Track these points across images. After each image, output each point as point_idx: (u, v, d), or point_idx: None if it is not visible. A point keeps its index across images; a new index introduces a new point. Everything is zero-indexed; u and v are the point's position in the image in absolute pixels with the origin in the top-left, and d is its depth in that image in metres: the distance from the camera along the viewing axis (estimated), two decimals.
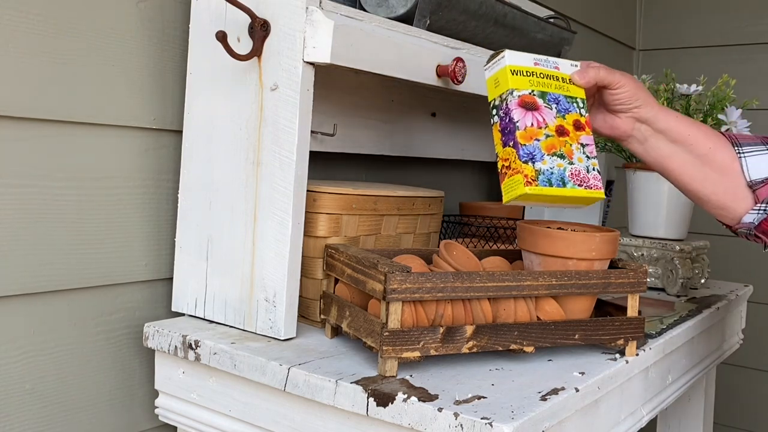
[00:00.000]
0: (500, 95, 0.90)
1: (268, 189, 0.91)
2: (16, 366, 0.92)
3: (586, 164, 0.90)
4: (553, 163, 0.87)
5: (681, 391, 1.23)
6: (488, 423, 0.69)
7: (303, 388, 0.81)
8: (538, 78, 0.91)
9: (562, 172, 0.87)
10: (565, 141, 0.89)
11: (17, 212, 0.90)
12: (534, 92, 0.90)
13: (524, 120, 0.88)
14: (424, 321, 0.84)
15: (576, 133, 0.91)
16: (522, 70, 0.90)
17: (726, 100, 1.46)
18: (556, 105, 0.91)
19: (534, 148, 0.87)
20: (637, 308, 0.94)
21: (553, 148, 0.88)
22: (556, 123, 0.90)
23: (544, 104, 0.90)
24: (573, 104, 0.92)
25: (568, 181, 0.88)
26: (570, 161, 0.89)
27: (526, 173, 0.85)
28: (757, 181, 0.95)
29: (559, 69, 0.93)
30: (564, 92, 0.92)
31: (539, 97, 0.90)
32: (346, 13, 0.91)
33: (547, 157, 0.87)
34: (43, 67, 0.91)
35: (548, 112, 0.90)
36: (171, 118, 1.05)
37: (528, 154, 0.86)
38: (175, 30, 1.05)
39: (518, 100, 0.88)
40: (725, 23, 2.40)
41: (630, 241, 1.51)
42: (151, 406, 1.05)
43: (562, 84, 0.93)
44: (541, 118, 0.89)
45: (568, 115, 0.91)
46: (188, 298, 1.01)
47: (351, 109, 1.21)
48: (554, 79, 0.92)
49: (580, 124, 0.92)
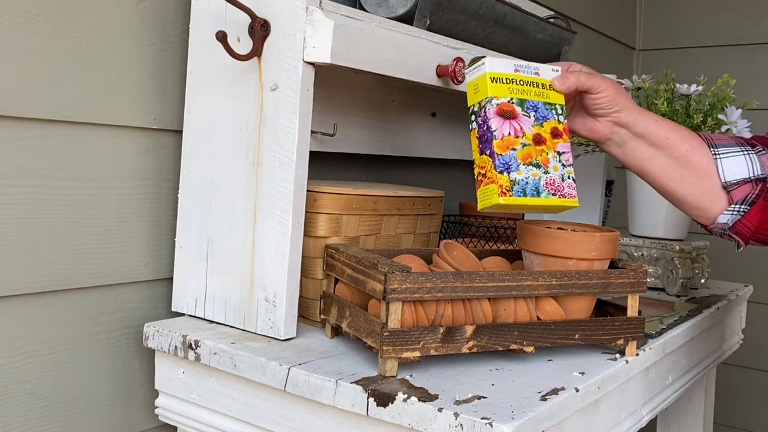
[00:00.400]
0: (479, 102, 0.90)
1: (268, 189, 0.91)
2: (16, 366, 0.92)
3: (561, 173, 0.90)
4: (528, 172, 0.88)
5: (681, 391, 1.23)
6: (488, 423, 0.69)
7: (303, 388, 0.81)
8: (518, 85, 0.91)
9: (537, 181, 0.88)
10: (542, 150, 0.90)
11: (17, 212, 0.90)
12: (513, 100, 0.90)
13: (501, 129, 0.88)
14: (424, 321, 0.84)
15: (553, 141, 0.91)
16: (502, 77, 0.90)
17: (726, 100, 1.46)
18: (535, 113, 0.91)
19: (510, 157, 0.87)
20: (637, 308, 0.94)
21: (529, 158, 0.88)
22: (534, 131, 0.90)
23: (522, 112, 0.90)
24: (552, 111, 0.92)
25: (543, 190, 0.88)
26: (545, 170, 0.89)
27: (501, 183, 0.86)
28: (731, 182, 0.96)
29: (539, 75, 0.93)
30: (543, 99, 0.92)
31: (518, 105, 0.90)
32: (346, 13, 0.91)
33: (522, 167, 0.88)
34: (43, 67, 0.91)
35: (526, 121, 0.90)
36: (171, 118, 1.05)
37: (504, 164, 0.87)
38: (175, 30, 1.05)
39: (496, 109, 0.88)
40: (725, 23, 2.40)
41: (630, 241, 1.51)
42: (151, 406, 1.05)
43: (541, 90, 0.93)
44: (519, 127, 0.89)
45: (546, 122, 0.91)
46: (188, 298, 1.01)
47: (351, 109, 1.21)
48: (534, 85, 0.92)
49: (558, 131, 0.92)
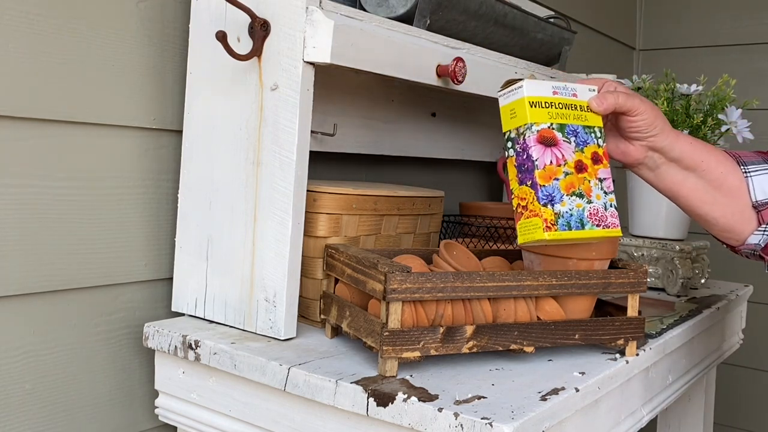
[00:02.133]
0: (517, 128, 0.84)
1: (268, 189, 0.91)
2: (16, 366, 0.92)
3: (603, 201, 0.86)
4: (572, 203, 0.83)
5: (681, 391, 1.23)
6: (488, 423, 0.69)
7: (303, 388, 0.81)
8: (557, 109, 0.85)
9: (581, 212, 0.83)
10: (584, 177, 0.85)
11: (17, 212, 0.90)
12: (553, 125, 0.84)
13: (543, 158, 0.82)
14: (424, 321, 0.84)
15: (594, 167, 0.86)
16: (541, 101, 0.84)
17: (726, 100, 1.46)
18: (575, 138, 0.85)
19: (553, 188, 0.82)
20: (637, 308, 0.94)
21: (572, 187, 0.83)
22: (575, 158, 0.85)
23: (563, 138, 0.84)
24: (591, 135, 0.87)
25: (587, 222, 0.84)
26: (588, 200, 0.84)
27: (546, 217, 0.81)
28: (762, 201, 0.94)
29: (576, 96, 0.88)
30: (582, 122, 0.87)
31: (558, 131, 0.84)
32: (346, 13, 0.91)
33: (566, 198, 0.83)
34: (43, 67, 0.91)
35: (567, 147, 0.84)
36: (171, 118, 1.05)
37: (547, 195, 0.82)
38: (175, 30, 1.05)
39: (537, 136, 0.83)
40: (725, 23, 2.40)
41: (630, 241, 1.51)
42: (151, 406, 1.05)
43: (580, 113, 0.87)
44: (561, 154, 0.84)
45: (587, 147, 0.86)
46: (188, 298, 1.01)
47: (351, 109, 1.21)
48: (572, 108, 0.86)
49: (598, 156, 0.87)
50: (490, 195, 1.78)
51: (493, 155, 1.61)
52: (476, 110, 1.53)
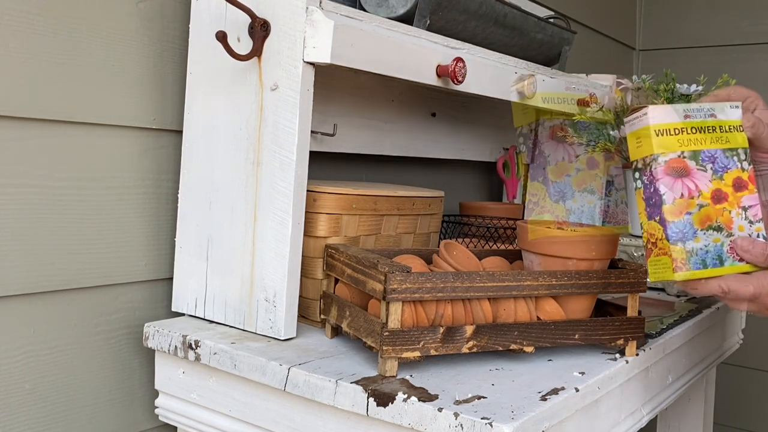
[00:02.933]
0: (643, 158, 0.78)
1: (268, 189, 0.91)
2: (16, 366, 0.92)
3: (748, 232, 0.77)
4: (707, 239, 0.76)
5: (681, 391, 1.23)
6: (488, 423, 0.69)
7: (303, 388, 0.81)
8: (690, 135, 0.77)
9: (719, 248, 0.76)
10: (723, 209, 0.77)
11: (17, 212, 0.90)
12: (684, 154, 0.77)
13: (672, 191, 0.76)
14: (424, 321, 0.84)
15: (736, 195, 0.78)
16: (669, 128, 0.77)
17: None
18: (712, 165, 0.77)
19: (685, 224, 0.75)
20: (637, 308, 0.94)
21: (708, 221, 0.76)
22: (712, 188, 0.77)
23: (696, 167, 0.77)
24: (733, 158, 0.78)
25: (727, 258, 0.76)
26: (729, 233, 0.76)
27: (675, 256, 0.75)
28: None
29: (716, 116, 0.79)
30: (722, 145, 0.78)
31: (690, 159, 0.76)
32: (346, 13, 0.91)
33: (700, 233, 0.76)
34: (43, 67, 0.91)
35: (702, 176, 0.77)
36: (171, 118, 1.05)
37: (678, 232, 0.75)
38: (175, 30, 1.05)
39: (665, 167, 0.76)
40: (725, 23, 2.39)
41: (630, 241, 1.51)
42: (151, 406, 1.05)
43: (719, 135, 0.78)
44: (694, 186, 0.76)
45: (727, 174, 0.78)
46: (188, 298, 1.01)
47: (351, 109, 1.21)
48: (709, 131, 0.78)
49: (742, 182, 0.78)
50: (490, 195, 1.78)
51: (493, 155, 1.61)
52: (476, 110, 1.53)
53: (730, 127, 0.80)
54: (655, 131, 0.77)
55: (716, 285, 0.77)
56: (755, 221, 0.78)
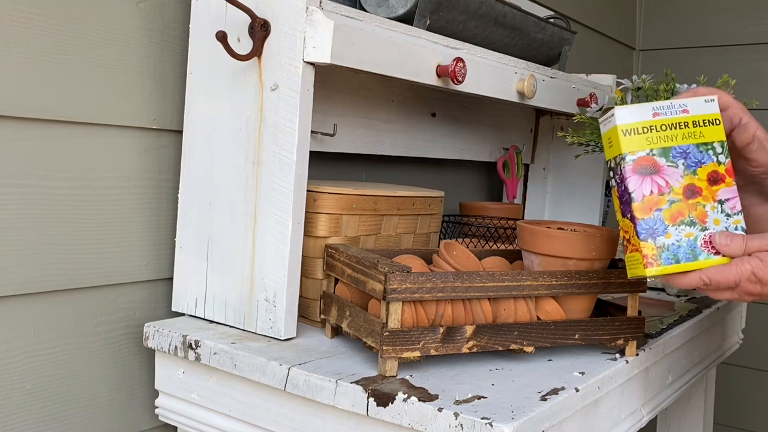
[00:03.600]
0: (614, 158, 0.79)
1: (268, 189, 0.91)
2: (16, 366, 0.92)
3: (725, 225, 0.77)
4: (679, 234, 0.76)
5: (681, 391, 1.23)
6: (488, 423, 0.69)
7: (303, 388, 0.81)
8: (660, 132, 0.78)
9: (693, 242, 0.76)
10: (696, 203, 0.77)
11: (17, 212, 0.90)
12: (653, 152, 0.77)
13: (641, 189, 0.77)
14: (424, 321, 0.84)
15: (712, 188, 0.77)
16: (636, 127, 0.78)
17: None
18: (684, 160, 0.78)
19: (655, 221, 0.76)
20: (637, 308, 0.94)
21: (679, 216, 0.76)
22: (684, 183, 0.77)
23: (667, 163, 0.77)
24: (707, 152, 0.78)
25: (701, 252, 0.76)
26: (703, 227, 0.76)
27: (645, 252, 0.76)
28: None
29: (688, 112, 0.79)
30: (695, 140, 0.78)
31: (660, 156, 0.77)
32: (346, 13, 0.91)
33: (671, 229, 0.76)
34: (43, 67, 0.91)
35: (673, 172, 0.77)
36: (171, 118, 1.05)
37: (647, 229, 0.76)
38: (175, 30, 1.05)
39: (633, 166, 0.77)
40: (725, 23, 2.40)
41: None
42: (151, 406, 1.05)
43: (692, 130, 0.78)
44: (664, 182, 0.77)
45: (701, 168, 0.78)
46: (188, 298, 1.01)
47: (351, 109, 1.21)
48: (681, 126, 0.78)
49: (718, 175, 0.78)
50: (490, 195, 1.78)
51: (493, 155, 1.61)
52: (476, 110, 1.53)
53: (704, 121, 0.79)
54: (623, 131, 0.78)
55: (696, 277, 0.77)
56: (733, 214, 0.78)
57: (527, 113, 1.69)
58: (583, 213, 1.64)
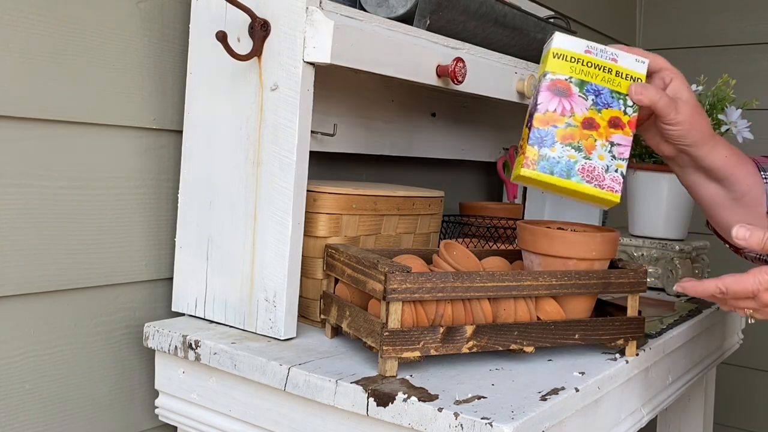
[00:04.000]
0: (541, 74, 0.86)
1: (268, 189, 0.91)
2: (16, 366, 0.92)
3: (607, 163, 0.83)
4: (563, 152, 0.82)
5: (681, 391, 1.23)
6: (488, 423, 0.69)
7: (303, 388, 0.81)
8: (584, 66, 0.85)
9: (571, 163, 0.82)
10: (590, 135, 0.83)
11: (17, 212, 0.90)
12: (572, 79, 0.84)
13: (547, 104, 0.83)
14: (424, 321, 0.84)
15: (609, 130, 0.84)
16: (567, 54, 0.85)
17: (726, 100, 1.46)
18: (595, 97, 0.84)
19: (547, 133, 0.82)
20: (637, 308, 0.94)
21: (569, 138, 0.83)
22: (586, 114, 0.84)
23: (578, 93, 0.84)
24: (619, 101, 0.85)
25: (575, 174, 0.82)
26: (587, 156, 0.83)
27: (528, 155, 0.82)
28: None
29: (616, 61, 0.86)
30: (612, 86, 0.85)
31: (576, 86, 0.84)
32: (346, 13, 0.91)
33: (558, 145, 0.82)
34: (43, 67, 0.91)
35: (581, 102, 0.84)
36: (171, 118, 1.05)
37: (538, 138, 0.82)
38: (175, 30, 1.05)
39: (549, 84, 0.84)
40: (725, 23, 2.40)
41: (630, 241, 1.51)
42: (151, 406, 1.05)
43: (613, 78, 0.85)
44: (569, 106, 0.84)
45: (606, 110, 0.84)
46: (188, 298, 1.01)
47: (351, 109, 1.21)
48: (604, 70, 0.85)
49: (619, 122, 0.85)
50: (490, 195, 1.78)
51: (493, 155, 1.61)
52: (476, 110, 1.53)
53: (627, 75, 0.86)
54: (554, 54, 0.85)
55: (713, 285, 0.79)
56: (619, 158, 0.84)
57: None
58: (583, 213, 1.64)
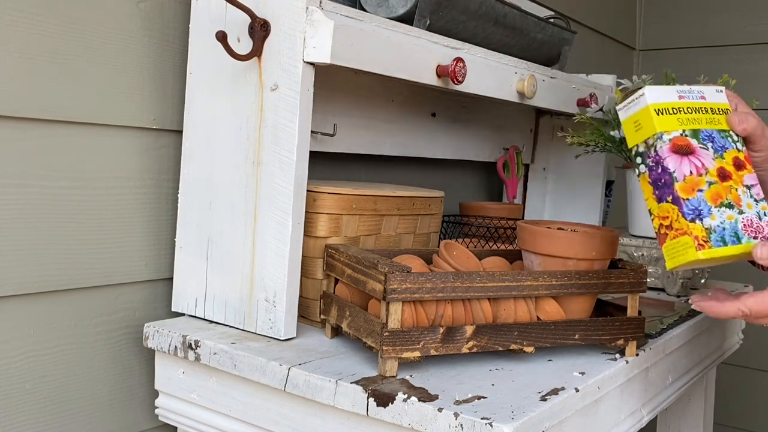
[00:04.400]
0: (645, 140, 0.77)
1: (268, 189, 0.91)
2: (16, 366, 0.92)
3: (756, 210, 0.76)
4: (722, 216, 0.74)
5: (681, 391, 1.23)
6: (488, 423, 0.69)
7: (303, 388, 0.81)
8: (687, 114, 0.78)
9: (734, 225, 0.75)
10: (730, 186, 0.76)
11: (17, 212, 0.90)
12: (686, 132, 0.77)
13: (681, 168, 0.75)
14: (424, 321, 0.84)
15: (738, 173, 0.77)
16: (667, 107, 0.77)
17: None
18: (712, 143, 0.77)
19: (699, 201, 0.74)
20: (637, 308, 0.94)
21: (719, 198, 0.75)
22: (716, 165, 0.76)
23: (699, 145, 0.77)
24: (728, 139, 0.79)
25: (743, 235, 0.75)
26: (740, 210, 0.75)
27: (696, 234, 0.73)
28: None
29: (705, 99, 0.80)
30: (716, 126, 0.79)
31: (692, 138, 0.76)
32: (346, 13, 0.91)
33: (714, 210, 0.74)
34: (43, 67, 0.91)
35: (705, 154, 0.76)
36: (171, 118, 1.05)
37: (693, 210, 0.74)
38: (175, 30, 1.05)
39: (670, 145, 0.76)
40: (725, 23, 2.40)
41: (630, 241, 1.51)
42: (151, 406, 1.05)
43: (712, 116, 0.79)
44: (700, 163, 0.76)
45: (726, 153, 0.78)
46: (188, 298, 1.01)
47: (351, 109, 1.21)
48: (703, 111, 0.79)
49: (740, 161, 0.78)
50: (490, 195, 1.78)
51: (493, 155, 1.61)
52: (476, 110, 1.53)
53: (719, 109, 0.80)
54: (655, 110, 0.77)
55: (735, 309, 0.77)
56: (759, 200, 0.78)
57: (527, 113, 1.69)
58: (583, 213, 1.64)
